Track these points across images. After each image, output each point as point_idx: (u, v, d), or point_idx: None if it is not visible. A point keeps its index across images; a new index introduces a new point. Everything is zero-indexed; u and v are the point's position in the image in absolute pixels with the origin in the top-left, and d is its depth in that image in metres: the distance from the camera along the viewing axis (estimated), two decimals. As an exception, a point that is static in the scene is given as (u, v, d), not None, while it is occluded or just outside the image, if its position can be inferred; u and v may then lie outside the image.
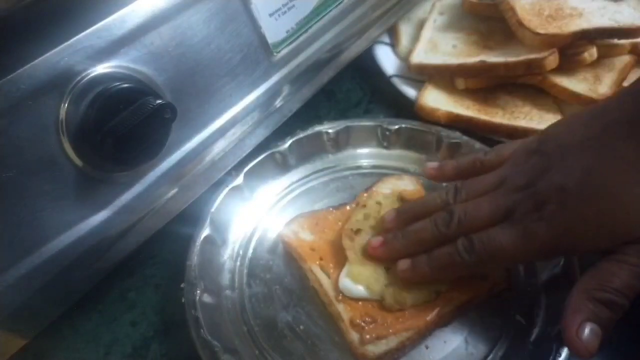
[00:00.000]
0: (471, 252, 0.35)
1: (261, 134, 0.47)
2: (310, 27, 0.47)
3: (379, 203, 0.43)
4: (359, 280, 0.39)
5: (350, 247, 0.40)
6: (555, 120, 0.51)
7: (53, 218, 0.34)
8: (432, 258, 0.37)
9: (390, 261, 0.39)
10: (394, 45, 0.63)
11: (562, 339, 0.35)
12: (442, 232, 0.37)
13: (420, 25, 0.62)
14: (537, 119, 0.52)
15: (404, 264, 0.37)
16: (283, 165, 0.50)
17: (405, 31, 0.63)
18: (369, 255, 0.39)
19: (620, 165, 0.32)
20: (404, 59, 0.60)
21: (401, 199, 0.43)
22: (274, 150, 0.49)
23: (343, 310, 0.38)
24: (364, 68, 0.60)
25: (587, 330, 0.31)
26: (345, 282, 0.39)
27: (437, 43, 0.59)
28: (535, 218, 0.33)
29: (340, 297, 0.39)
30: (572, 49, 0.53)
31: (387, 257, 0.39)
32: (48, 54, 0.32)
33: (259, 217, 0.47)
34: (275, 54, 0.45)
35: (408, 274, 0.37)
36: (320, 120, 0.52)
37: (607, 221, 0.32)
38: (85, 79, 0.33)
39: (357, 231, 0.41)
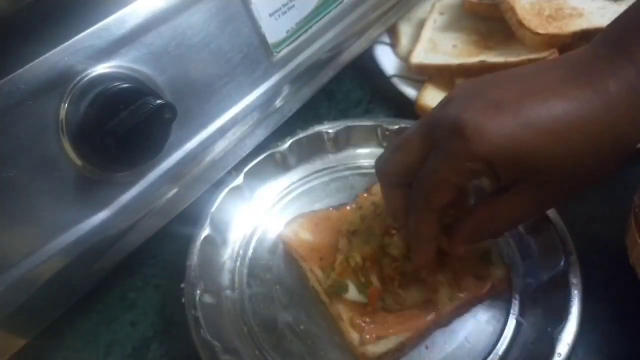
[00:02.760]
0: (419, 191, 0.33)
1: (261, 134, 0.47)
2: (310, 27, 0.47)
3: (374, 204, 0.43)
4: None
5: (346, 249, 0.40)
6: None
7: (53, 218, 0.34)
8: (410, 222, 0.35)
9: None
10: (394, 45, 0.63)
11: (561, 339, 0.35)
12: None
13: (420, 25, 0.62)
14: (537, 119, 0.52)
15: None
16: (283, 165, 0.50)
17: (405, 31, 0.63)
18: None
19: (535, 84, 0.31)
20: (404, 59, 0.60)
21: None
22: (274, 150, 0.49)
23: (343, 310, 0.38)
24: (364, 68, 0.60)
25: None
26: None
27: (437, 43, 0.59)
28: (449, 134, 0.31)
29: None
30: (572, 49, 0.53)
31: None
32: (48, 54, 0.32)
33: (259, 217, 0.47)
34: (275, 54, 0.45)
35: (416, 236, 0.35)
36: (320, 120, 0.52)
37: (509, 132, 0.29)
38: (86, 79, 0.33)
39: (353, 232, 0.41)
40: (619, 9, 0.55)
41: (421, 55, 0.58)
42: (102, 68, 0.34)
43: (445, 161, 0.31)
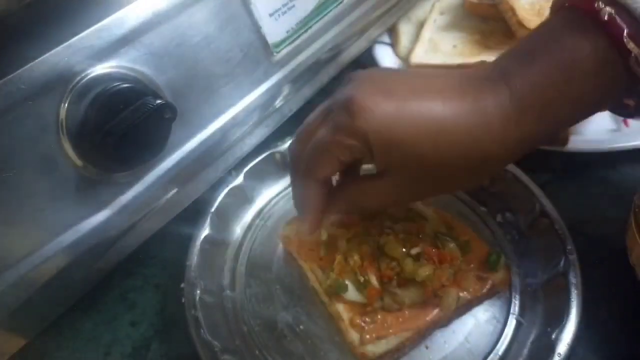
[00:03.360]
0: (305, 159, 0.35)
1: (261, 134, 0.47)
2: (310, 27, 0.48)
3: None
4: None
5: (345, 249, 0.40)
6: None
7: (53, 218, 0.35)
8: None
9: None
10: (394, 45, 0.63)
11: (561, 339, 0.35)
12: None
13: (420, 25, 0.62)
14: (537, 119, 0.52)
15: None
16: (283, 165, 0.50)
17: (405, 31, 0.63)
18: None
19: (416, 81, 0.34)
20: (404, 59, 0.60)
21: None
22: (274, 150, 0.49)
23: (343, 310, 0.38)
24: (364, 68, 0.60)
25: None
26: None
27: (437, 43, 0.59)
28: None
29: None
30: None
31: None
32: (48, 54, 0.32)
33: (259, 217, 0.47)
34: (275, 53, 0.45)
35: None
36: (320, 120, 0.52)
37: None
38: (86, 79, 0.33)
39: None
40: (618, 9, 0.55)
41: (421, 55, 0.58)
42: (102, 68, 0.34)
43: (330, 133, 0.33)
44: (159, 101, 0.34)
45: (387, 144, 0.32)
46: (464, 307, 0.39)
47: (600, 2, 0.29)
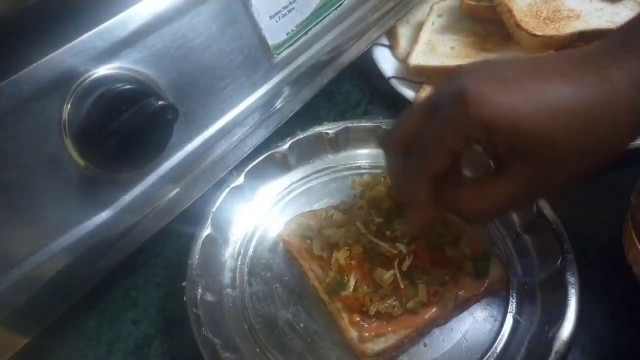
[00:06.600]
0: (416, 155, 0.34)
1: (262, 135, 0.48)
2: (310, 29, 0.48)
3: (371, 198, 0.43)
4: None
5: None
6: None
7: (56, 217, 0.35)
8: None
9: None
10: (392, 47, 0.63)
11: (558, 338, 0.35)
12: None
13: (419, 27, 0.63)
14: (534, 119, 0.52)
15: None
16: (283, 165, 0.50)
17: (403, 33, 0.64)
18: None
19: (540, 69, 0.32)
20: (403, 60, 0.60)
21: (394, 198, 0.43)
22: (274, 150, 0.49)
23: (342, 308, 0.38)
24: (363, 70, 0.61)
25: None
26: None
27: (435, 45, 0.59)
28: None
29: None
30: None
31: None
32: (51, 55, 0.32)
33: (259, 216, 0.47)
34: (275, 55, 0.45)
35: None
36: (320, 121, 0.52)
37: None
38: (88, 80, 0.33)
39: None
40: (616, 11, 0.56)
41: (419, 57, 0.58)
42: (104, 69, 0.34)
43: (444, 125, 0.32)
44: (161, 102, 0.34)
45: (510, 127, 0.30)
46: (462, 306, 0.39)
47: None
